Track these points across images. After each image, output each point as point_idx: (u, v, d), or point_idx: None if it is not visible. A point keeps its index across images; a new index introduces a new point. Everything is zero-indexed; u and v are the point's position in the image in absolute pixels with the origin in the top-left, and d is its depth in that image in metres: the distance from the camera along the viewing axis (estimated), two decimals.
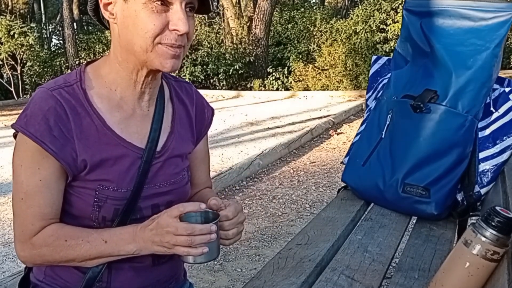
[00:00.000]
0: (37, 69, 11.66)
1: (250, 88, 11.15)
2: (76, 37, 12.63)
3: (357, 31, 10.08)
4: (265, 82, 11.16)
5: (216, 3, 14.67)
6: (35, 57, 11.44)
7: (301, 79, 10.82)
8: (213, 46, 12.01)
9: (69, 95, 0.88)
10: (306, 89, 10.55)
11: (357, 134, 1.92)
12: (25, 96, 11.49)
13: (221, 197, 3.24)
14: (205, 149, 1.15)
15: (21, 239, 0.90)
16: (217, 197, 0.94)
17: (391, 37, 9.59)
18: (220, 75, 11.27)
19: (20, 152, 0.87)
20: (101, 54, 12.20)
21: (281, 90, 10.82)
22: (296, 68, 10.93)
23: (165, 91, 1.02)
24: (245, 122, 6.81)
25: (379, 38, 9.81)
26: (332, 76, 10.32)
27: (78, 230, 0.90)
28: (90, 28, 16.94)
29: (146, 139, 0.94)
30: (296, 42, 11.77)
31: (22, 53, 11.03)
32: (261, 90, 10.81)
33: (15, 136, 0.89)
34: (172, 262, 1.04)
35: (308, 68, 10.74)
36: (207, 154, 1.16)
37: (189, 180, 1.05)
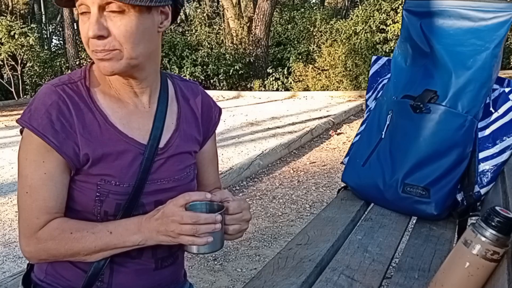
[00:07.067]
0: (38, 70, 11.67)
1: (250, 89, 11.16)
2: (77, 37, 12.62)
3: (357, 31, 10.09)
4: (265, 82, 11.16)
5: (216, 4, 14.68)
6: (35, 58, 11.45)
7: (301, 79, 10.83)
8: (213, 46, 12.01)
9: (72, 92, 0.90)
10: (306, 89, 10.55)
11: (357, 134, 1.93)
12: (25, 96, 11.49)
13: None
14: (213, 150, 1.15)
15: (26, 234, 0.90)
16: (227, 191, 0.95)
17: (391, 37, 9.61)
18: (220, 76, 11.27)
19: (26, 146, 0.89)
20: None
21: (281, 90, 10.83)
22: (296, 69, 10.94)
23: (170, 90, 1.03)
24: (245, 122, 6.81)
25: (379, 38, 9.82)
26: (332, 77, 10.32)
27: (83, 223, 0.91)
28: None
29: (148, 136, 0.95)
30: (296, 42, 11.78)
31: (22, 54, 11.03)
32: (261, 90, 10.81)
33: (21, 131, 0.91)
34: (175, 266, 1.03)
35: (308, 68, 10.75)
36: (215, 155, 1.16)
37: (195, 178, 1.05)
